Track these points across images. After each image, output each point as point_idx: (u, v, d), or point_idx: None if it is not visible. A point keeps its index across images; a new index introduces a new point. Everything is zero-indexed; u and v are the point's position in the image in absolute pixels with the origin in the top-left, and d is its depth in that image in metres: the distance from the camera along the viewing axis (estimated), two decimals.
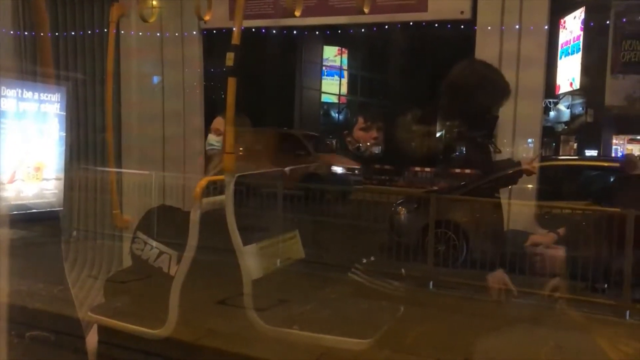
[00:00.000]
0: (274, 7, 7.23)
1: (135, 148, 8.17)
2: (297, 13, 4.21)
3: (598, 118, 26.88)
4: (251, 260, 4.24)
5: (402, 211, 8.39)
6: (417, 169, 24.81)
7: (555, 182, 8.21)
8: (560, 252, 6.48)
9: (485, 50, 7.76)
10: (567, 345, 5.02)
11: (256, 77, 22.19)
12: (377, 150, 5.58)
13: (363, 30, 30.38)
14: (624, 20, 26.33)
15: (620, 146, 27.52)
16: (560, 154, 31.60)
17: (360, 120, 5.34)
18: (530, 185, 6.97)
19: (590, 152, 27.37)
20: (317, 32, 27.78)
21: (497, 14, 7.76)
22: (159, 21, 7.65)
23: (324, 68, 33.42)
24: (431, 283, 6.57)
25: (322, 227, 7.78)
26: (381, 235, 8.30)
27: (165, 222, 5.73)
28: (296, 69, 27.62)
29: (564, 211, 6.91)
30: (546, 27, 7.74)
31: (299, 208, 7.76)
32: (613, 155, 26.52)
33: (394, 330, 5.02)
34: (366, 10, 4.65)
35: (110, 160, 6.49)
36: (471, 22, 8.23)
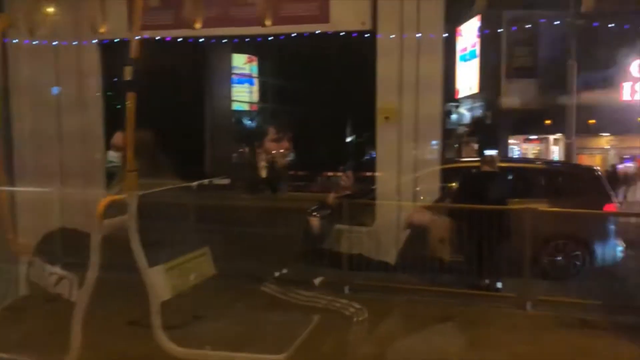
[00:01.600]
0: (175, 19, 7.08)
1: (30, 165, 7.69)
2: (198, 25, 4.14)
3: (495, 120, 28.45)
4: (159, 281, 4.10)
5: (316, 217, 8.43)
6: (330, 173, 25.18)
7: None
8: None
9: (387, 58, 8.03)
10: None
11: (162, 87, 21.55)
12: (289, 159, 5.60)
13: (271, 38, 30.47)
14: (514, 28, 28.11)
15: (517, 146, 29.33)
16: (463, 155, 33.24)
17: (272, 131, 5.32)
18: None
19: (490, 152, 28.94)
20: (224, 41, 27.55)
21: (397, 24, 8.06)
22: (54, 32, 7.27)
23: (234, 76, 33.16)
24: (347, 288, 6.65)
25: (235, 239, 7.70)
26: (297, 243, 8.34)
27: (66, 245, 5.43)
28: (205, 78, 27.14)
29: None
30: (443, 34, 8.13)
31: (211, 221, 7.63)
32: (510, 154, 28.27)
33: (308, 341, 5.04)
34: (267, 22, 4.68)
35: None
36: (374, 32, 8.51)
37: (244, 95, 35.84)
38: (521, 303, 6.23)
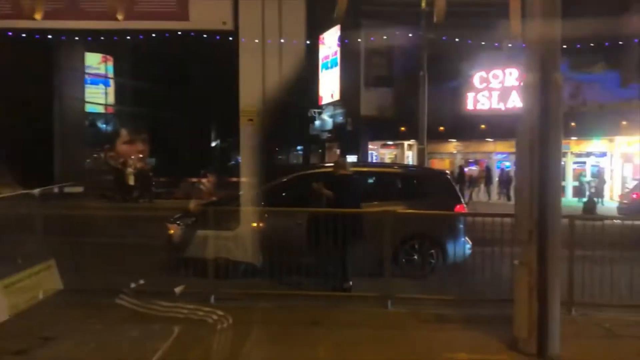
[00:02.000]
0: (13, 7, 6.35)
1: None
2: (38, 16, 3.72)
3: (356, 126, 29.60)
4: None
5: (179, 225, 8.08)
6: (194, 179, 24.48)
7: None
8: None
9: (249, 61, 7.94)
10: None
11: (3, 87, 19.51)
12: (148, 163, 5.25)
13: (129, 37, 29.00)
14: (372, 38, 29.48)
15: (375, 151, 30.74)
16: (326, 160, 34.15)
17: (124, 134, 4.95)
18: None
19: (351, 157, 30.06)
20: (76, 38, 25.64)
21: (259, 27, 8.01)
22: None
23: (87, 76, 30.92)
24: (213, 297, 6.43)
25: (88, 250, 7.11)
26: (160, 253, 7.95)
27: None
28: (54, 77, 24.94)
29: None
30: (304, 41, 8.24)
31: (60, 232, 6.99)
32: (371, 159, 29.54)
33: (169, 354, 4.77)
34: (120, 17, 4.36)
35: None
36: (236, 33, 8.38)
37: (98, 97, 33.64)
38: (383, 302, 6.44)
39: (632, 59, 25.52)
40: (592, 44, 24.90)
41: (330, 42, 31.79)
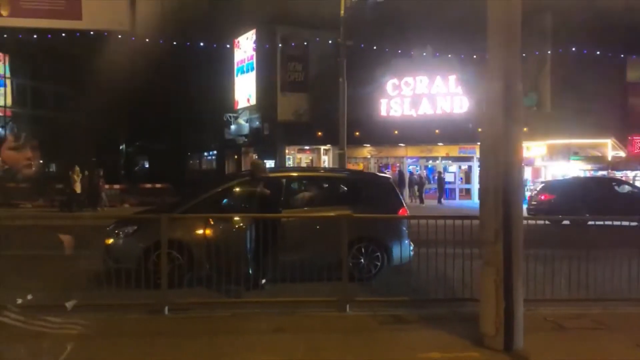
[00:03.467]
0: None
1: None
2: None
3: (273, 131, 29.61)
4: None
5: (119, 235, 7.63)
6: (107, 186, 23.35)
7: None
8: None
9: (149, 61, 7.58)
10: None
11: None
12: (32, 170, 4.83)
13: (21, 35, 27.13)
14: (289, 44, 29.63)
15: (292, 155, 30.85)
16: (242, 164, 33.82)
17: (10, 138, 4.55)
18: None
19: (269, 162, 29.98)
20: None
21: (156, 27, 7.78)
22: None
23: None
24: (166, 308, 6.15)
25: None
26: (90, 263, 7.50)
27: None
28: None
29: None
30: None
31: None
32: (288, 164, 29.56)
33: None
34: (4, 12, 4.05)
35: None
36: (133, 34, 8.07)
37: None
38: (341, 306, 6.49)
39: (530, 69, 27.50)
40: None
41: (245, 46, 31.60)
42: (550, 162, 25.69)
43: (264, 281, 7.41)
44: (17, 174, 4.42)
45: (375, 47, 25.95)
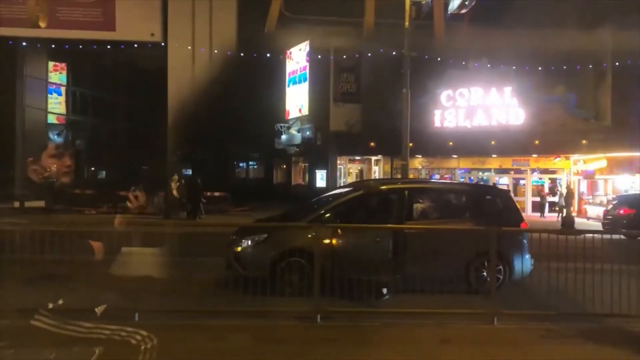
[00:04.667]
0: None
1: None
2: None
3: (325, 141, 29.81)
4: None
5: (249, 243, 7.81)
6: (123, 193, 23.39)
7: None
8: None
9: (178, 72, 7.76)
10: None
11: None
12: (69, 179, 4.98)
13: (81, 46, 27.74)
14: (342, 55, 29.88)
15: (343, 165, 31.05)
16: (292, 173, 34.11)
17: (51, 146, 4.76)
18: None
19: (321, 171, 30.23)
20: (39, 45, 24.35)
21: (189, 38, 7.94)
22: None
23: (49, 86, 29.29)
24: (319, 317, 6.30)
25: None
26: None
27: None
28: (17, 86, 23.42)
29: None
30: (237, 51, 8.21)
31: None
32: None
33: None
34: (42, 24, 4.22)
35: None
36: (165, 44, 8.19)
37: (52, 107, 32.06)
38: (489, 319, 6.56)
39: (587, 82, 27.29)
40: (552, 67, 26.43)
41: (298, 57, 31.93)
42: (611, 175, 25.36)
43: (385, 291, 7.53)
44: (57, 182, 4.59)
45: (439, 59, 25.95)
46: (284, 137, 32.93)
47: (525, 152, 28.39)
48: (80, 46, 26.60)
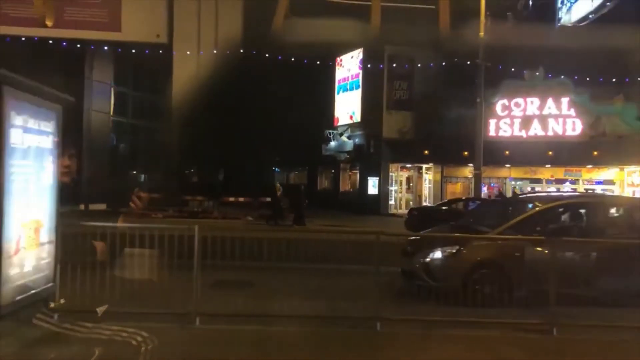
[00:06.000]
0: None
1: None
2: None
3: (378, 148, 29.90)
4: None
5: (437, 255, 7.77)
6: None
7: None
8: None
9: (183, 73, 7.73)
10: None
11: None
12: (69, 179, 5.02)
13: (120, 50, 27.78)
14: (396, 62, 30.03)
15: (394, 173, 31.09)
16: (340, 180, 34.20)
17: None
18: None
19: (373, 178, 30.31)
20: (106, 48, 24.66)
21: (194, 39, 7.96)
22: None
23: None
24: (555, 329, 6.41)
25: None
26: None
27: None
28: (85, 89, 23.73)
29: None
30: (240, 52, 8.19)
31: None
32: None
33: None
34: (49, 23, 4.26)
35: None
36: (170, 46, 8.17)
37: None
38: None
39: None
40: (613, 79, 26.36)
41: (349, 64, 32.09)
42: None
43: None
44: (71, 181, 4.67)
45: (500, 67, 25.97)
46: (332, 143, 33.00)
47: (581, 163, 28.32)
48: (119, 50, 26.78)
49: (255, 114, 36.87)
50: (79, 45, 21.60)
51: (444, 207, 21.31)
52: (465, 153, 28.57)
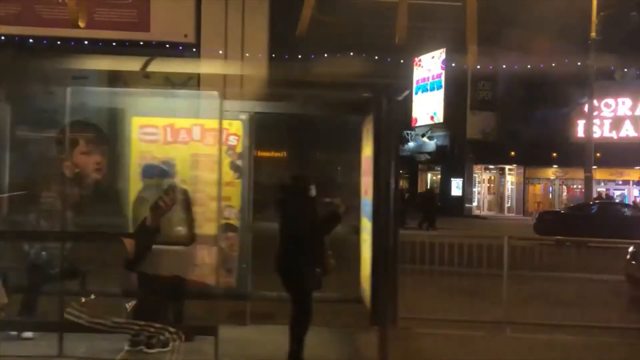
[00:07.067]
0: None
1: None
2: None
3: (461, 149, 29.70)
4: None
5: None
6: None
7: None
8: None
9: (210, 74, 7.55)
10: None
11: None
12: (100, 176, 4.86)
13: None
14: (480, 63, 29.75)
15: (478, 174, 30.86)
16: (419, 181, 34.00)
17: (82, 143, 4.64)
18: None
19: (456, 180, 30.11)
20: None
21: (222, 40, 7.80)
22: None
23: None
24: None
25: None
26: None
27: None
28: None
29: None
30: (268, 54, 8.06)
31: None
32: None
33: None
34: (82, 24, 4.17)
35: None
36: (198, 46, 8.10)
37: None
38: None
39: None
40: None
41: (429, 64, 31.85)
42: None
43: None
44: (87, 178, 4.50)
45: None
46: (411, 144, 32.84)
47: None
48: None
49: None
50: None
51: (578, 212, 20.47)
52: (554, 154, 28.32)
